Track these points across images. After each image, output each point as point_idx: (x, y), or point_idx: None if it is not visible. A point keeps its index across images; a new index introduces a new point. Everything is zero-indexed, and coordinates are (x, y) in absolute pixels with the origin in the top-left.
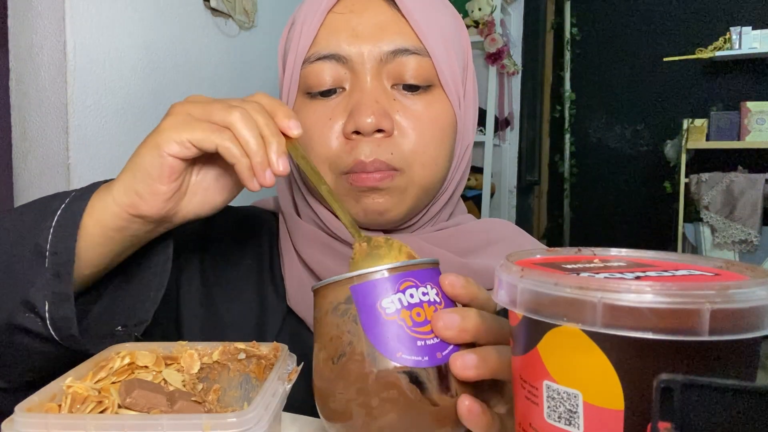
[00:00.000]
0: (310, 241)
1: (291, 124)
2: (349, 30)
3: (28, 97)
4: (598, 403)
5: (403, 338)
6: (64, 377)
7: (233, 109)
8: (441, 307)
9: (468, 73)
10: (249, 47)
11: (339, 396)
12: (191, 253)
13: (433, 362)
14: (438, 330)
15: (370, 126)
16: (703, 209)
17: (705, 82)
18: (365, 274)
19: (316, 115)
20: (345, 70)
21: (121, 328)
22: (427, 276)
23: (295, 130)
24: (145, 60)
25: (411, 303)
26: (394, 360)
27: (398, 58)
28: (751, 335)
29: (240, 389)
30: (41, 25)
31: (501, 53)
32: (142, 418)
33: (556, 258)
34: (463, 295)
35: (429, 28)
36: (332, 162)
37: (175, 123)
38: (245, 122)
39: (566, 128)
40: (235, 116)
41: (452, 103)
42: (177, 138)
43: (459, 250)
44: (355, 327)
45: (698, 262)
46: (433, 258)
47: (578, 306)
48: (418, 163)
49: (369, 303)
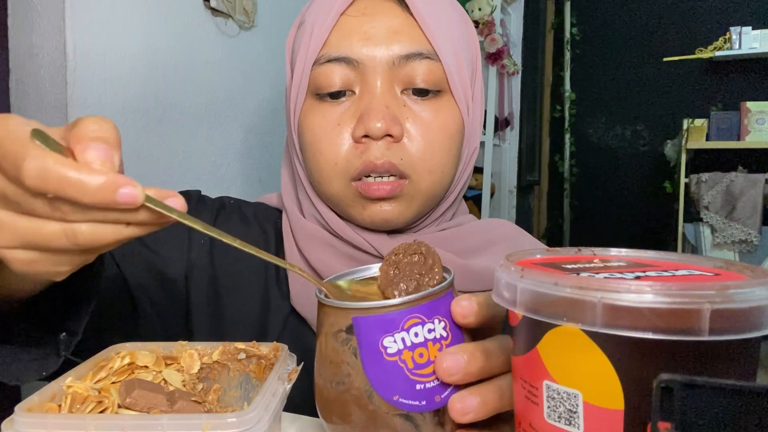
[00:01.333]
0: (313, 239)
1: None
2: (361, 33)
3: (28, 97)
4: (598, 403)
5: (403, 381)
6: (64, 377)
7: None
8: (447, 343)
9: (476, 77)
10: (249, 47)
11: (336, 417)
12: (202, 247)
13: (431, 406)
14: (441, 375)
15: (380, 131)
16: (703, 209)
17: (705, 82)
18: (369, 308)
19: (325, 119)
20: (355, 73)
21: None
22: (435, 307)
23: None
24: (145, 60)
25: (415, 343)
26: (391, 402)
27: (410, 62)
28: (751, 335)
29: (240, 389)
30: (41, 25)
31: (501, 53)
32: (142, 418)
33: (556, 258)
34: (475, 323)
35: (440, 33)
36: (341, 167)
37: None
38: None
39: (566, 128)
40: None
41: (461, 109)
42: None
43: (460, 250)
44: (354, 360)
45: (698, 262)
46: (447, 280)
47: (578, 306)
48: (425, 170)
49: (370, 339)
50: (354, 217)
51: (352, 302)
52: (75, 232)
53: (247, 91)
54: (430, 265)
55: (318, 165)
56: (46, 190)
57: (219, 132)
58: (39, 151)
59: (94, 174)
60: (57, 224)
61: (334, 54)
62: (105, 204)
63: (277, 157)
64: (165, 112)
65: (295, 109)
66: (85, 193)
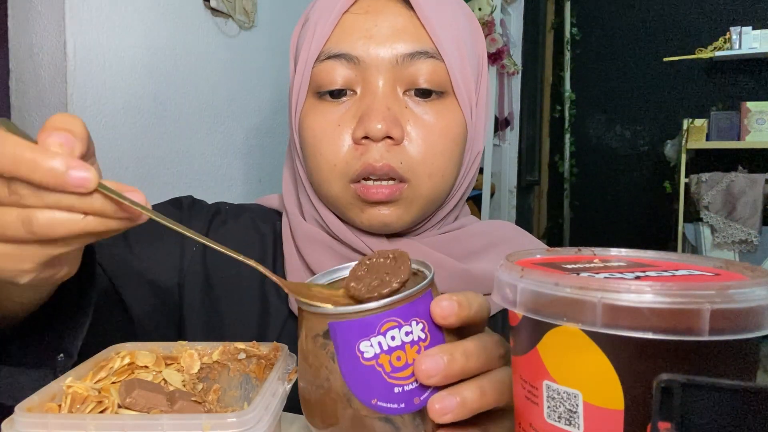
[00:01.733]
0: (313, 242)
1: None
2: (363, 31)
3: (28, 97)
4: (598, 403)
5: (381, 385)
6: (64, 377)
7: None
8: (426, 344)
9: (482, 79)
10: (249, 47)
11: (319, 420)
12: (195, 254)
13: (410, 408)
14: (420, 377)
15: (380, 132)
16: (703, 209)
17: (705, 82)
18: (344, 313)
19: (325, 119)
20: (356, 72)
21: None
22: (413, 309)
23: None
24: (145, 60)
25: (392, 347)
26: (369, 405)
27: (413, 61)
28: (751, 335)
29: (240, 389)
30: (41, 25)
31: (501, 53)
32: (142, 418)
33: (556, 258)
34: (456, 323)
35: (444, 33)
36: (341, 169)
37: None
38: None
39: (566, 128)
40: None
41: (464, 112)
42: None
43: (461, 253)
44: (332, 365)
45: (698, 262)
46: (426, 280)
47: (578, 306)
48: (425, 174)
49: (346, 344)
50: (353, 220)
51: (329, 307)
52: (30, 219)
53: (247, 91)
54: (398, 267)
55: (318, 165)
56: (1, 170)
57: (219, 132)
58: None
59: (47, 154)
60: (13, 210)
61: (335, 51)
62: (56, 185)
63: (277, 157)
64: (165, 112)
65: (297, 107)
66: (35, 172)
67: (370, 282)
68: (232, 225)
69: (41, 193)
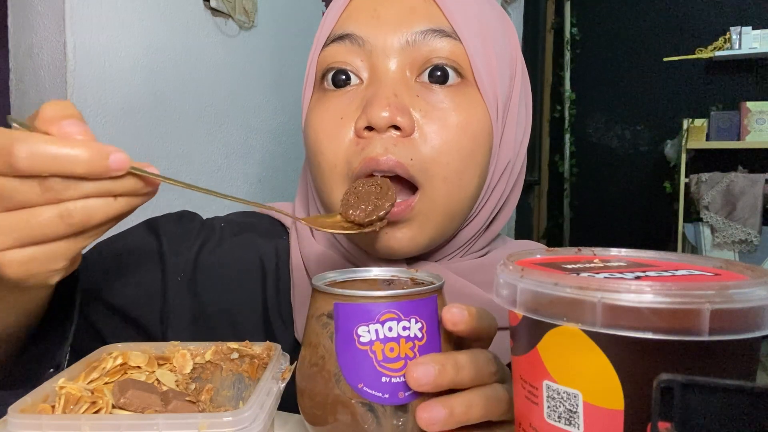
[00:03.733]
0: (323, 265)
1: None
2: (370, 11)
3: (28, 97)
4: (598, 403)
5: (370, 371)
6: (57, 378)
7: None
8: (421, 344)
9: (515, 83)
10: (249, 47)
11: (306, 398)
12: (179, 284)
13: (393, 401)
14: (410, 383)
15: (384, 120)
16: (703, 209)
17: (705, 82)
18: (350, 296)
19: (328, 112)
20: (362, 56)
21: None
22: (415, 307)
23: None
24: (145, 60)
25: (387, 336)
26: (355, 389)
27: (427, 41)
28: (751, 335)
29: (233, 389)
30: (41, 25)
31: None
32: (137, 418)
33: (556, 258)
34: (464, 332)
35: (462, 14)
36: (341, 170)
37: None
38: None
39: (566, 128)
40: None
41: (488, 106)
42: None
43: (488, 281)
44: (329, 344)
45: (698, 262)
46: (434, 284)
47: (578, 306)
48: (439, 177)
49: (347, 325)
50: (356, 240)
51: (338, 289)
52: (69, 212)
53: (247, 91)
54: (386, 192)
55: (319, 168)
56: (40, 170)
57: (219, 132)
58: (24, 135)
59: (82, 146)
60: (51, 208)
61: (339, 32)
62: (99, 172)
63: (277, 157)
64: (165, 112)
65: (305, 105)
66: (78, 165)
67: (366, 208)
68: (227, 247)
69: (79, 184)
